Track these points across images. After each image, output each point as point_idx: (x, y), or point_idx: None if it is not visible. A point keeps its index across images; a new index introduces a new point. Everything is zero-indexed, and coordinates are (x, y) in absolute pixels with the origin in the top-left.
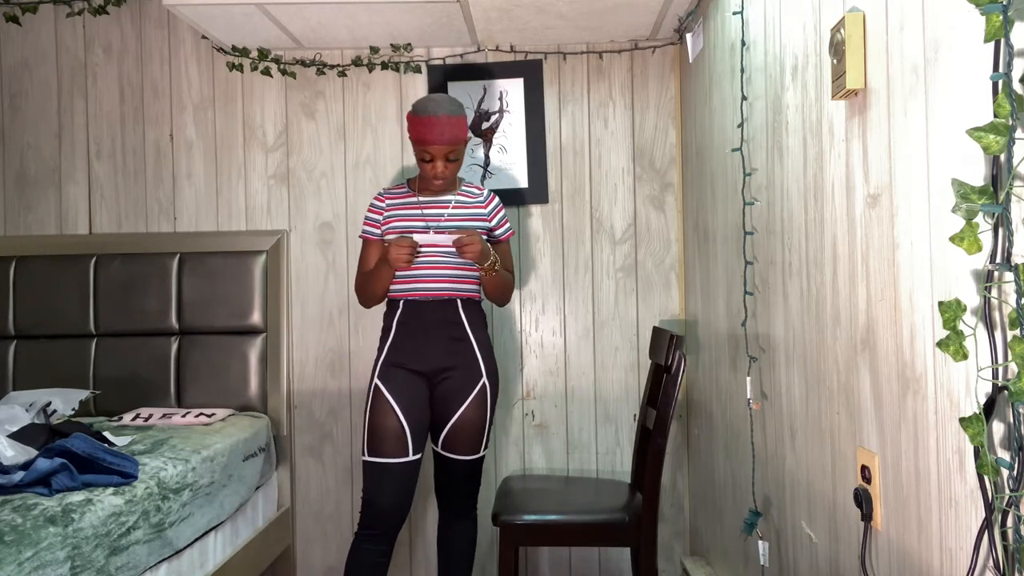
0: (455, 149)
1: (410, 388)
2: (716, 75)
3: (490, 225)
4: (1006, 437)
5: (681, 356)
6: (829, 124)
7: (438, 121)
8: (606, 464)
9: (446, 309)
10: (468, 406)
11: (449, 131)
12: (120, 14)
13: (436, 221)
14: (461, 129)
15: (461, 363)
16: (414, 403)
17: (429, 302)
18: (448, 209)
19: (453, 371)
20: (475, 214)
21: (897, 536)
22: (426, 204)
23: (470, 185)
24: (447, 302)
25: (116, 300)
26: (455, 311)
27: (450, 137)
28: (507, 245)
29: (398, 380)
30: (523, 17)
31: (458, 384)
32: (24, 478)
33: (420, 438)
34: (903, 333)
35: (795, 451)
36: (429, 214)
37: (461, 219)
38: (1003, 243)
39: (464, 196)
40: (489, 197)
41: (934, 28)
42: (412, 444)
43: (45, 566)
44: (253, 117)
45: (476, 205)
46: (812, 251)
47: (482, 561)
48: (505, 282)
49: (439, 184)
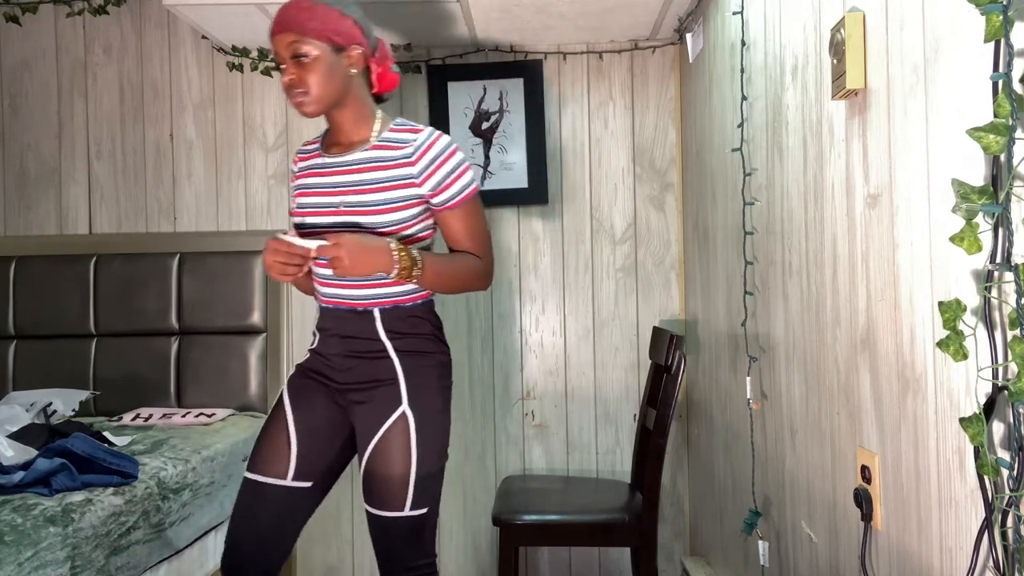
0: (302, 42)
1: (316, 403)
2: (716, 75)
3: (421, 192)
4: (1006, 437)
5: (681, 356)
6: (829, 124)
7: (283, 5)
8: (606, 464)
9: (361, 321)
10: (381, 442)
11: (290, 12)
12: (120, 14)
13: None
14: (319, 15)
15: (375, 386)
16: (315, 422)
17: (345, 311)
18: (349, 175)
19: (366, 398)
20: (392, 179)
21: (897, 536)
22: (330, 167)
23: (402, 128)
24: (361, 312)
25: (116, 300)
26: (371, 323)
27: (290, 19)
28: (461, 214)
29: (305, 390)
30: (523, 17)
31: (371, 414)
32: (24, 478)
33: (311, 467)
34: (903, 333)
35: (795, 451)
36: (332, 184)
37: (367, 189)
38: (1003, 243)
39: (380, 150)
40: (423, 146)
41: (934, 28)
42: (295, 468)
43: (45, 566)
44: (253, 117)
45: (396, 163)
46: (812, 251)
47: (482, 561)
48: (455, 277)
49: (300, 106)
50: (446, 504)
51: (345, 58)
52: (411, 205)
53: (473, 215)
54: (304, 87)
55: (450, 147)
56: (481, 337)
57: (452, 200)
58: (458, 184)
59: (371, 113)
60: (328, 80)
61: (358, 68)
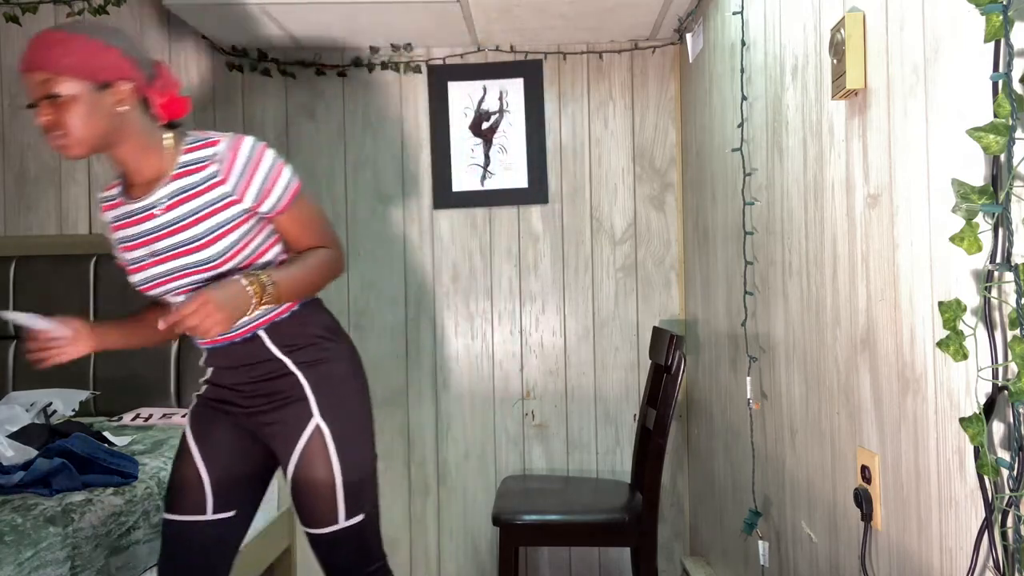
0: (54, 81)
1: (221, 432)
2: (716, 75)
3: (245, 207)
4: (1006, 437)
5: (681, 356)
6: (829, 124)
7: (32, 40)
8: (606, 464)
9: (250, 346)
10: (301, 460)
11: (41, 49)
12: (120, 14)
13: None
14: (74, 49)
15: (284, 405)
16: (224, 450)
17: (229, 344)
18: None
19: (277, 418)
20: (207, 205)
21: (897, 536)
22: (137, 213)
23: (198, 146)
24: (249, 339)
25: (116, 300)
26: (260, 346)
27: (40, 57)
28: (293, 214)
29: (207, 421)
30: (523, 17)
31: (283, 433)
32: (24, 478)
33: (231, 494)
34: (903, 333)
35: (795, 451)
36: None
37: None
38: (1003, 243)
39: (183, 178)
40: (227, 159)
41: (934, 28)
42: (213, 499)
43: (45, 566)
44: (253, 117)
45: (206, 187)
46: (812, 251)
47: (482, 561)
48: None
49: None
50: (446, 504)
51: (111, 95)
52: (239, 224)
53: (304, 210)
54: (62, 129)
55: (256, 149)
56: (481, 337)
57: (278, 206)
58: (278, 187)
59: (158, 143)
60: (90, 121)
61: (129, 104)
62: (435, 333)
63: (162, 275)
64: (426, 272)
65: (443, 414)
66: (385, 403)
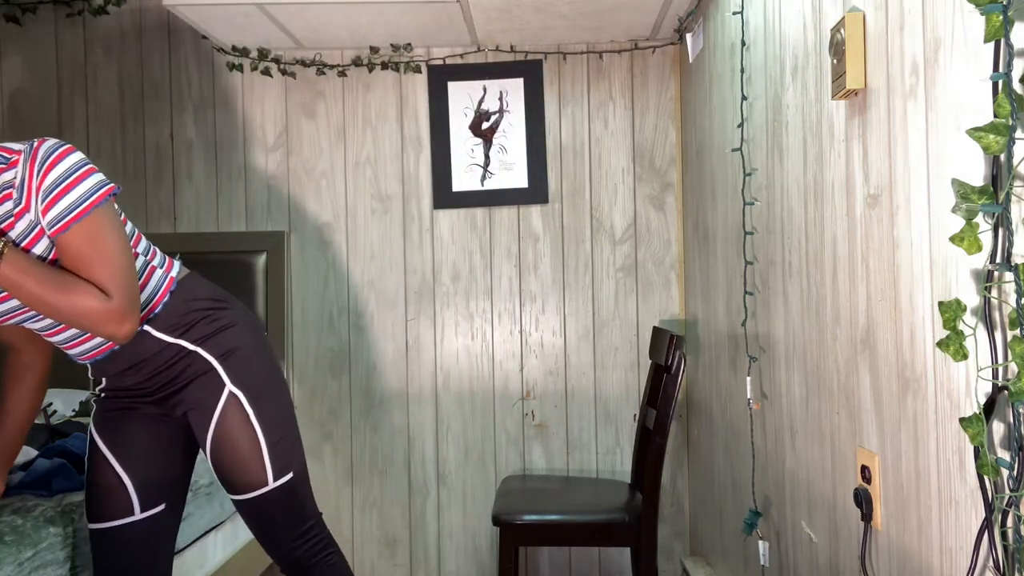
0: None
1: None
2: (716, 75)
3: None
4: (1006, 437)
5: (681, 356)
6: (829, 124)
7: None
8: (606, 464)
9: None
10: (219, 429)
11: None
12: (120, 14)
13: None
14: None
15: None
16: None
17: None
18: None
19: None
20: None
21: (897, 536)
22: None
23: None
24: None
25: None
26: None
27: None
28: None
29: (113, 422)
30: (523, 17)
31: (198, 408)
32: (24, 479)
33: (156, 488)
34: (903, 333)
35: (795, 451)
36: None
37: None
38: (1003, 243)
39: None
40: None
41: (934, 28)
42: (139, 499)
43: (45, 566)
44: (253, 117)
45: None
46: (812, 251)
47: (482, 561)
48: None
49: None
50: (446, 504)
51: None
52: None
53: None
54: None
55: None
56: (481, 337)
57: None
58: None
59: None
60: None
61: None
62: (435, 333)
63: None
64: (426, 272)
65: (443, 414)
66: (385, 403)
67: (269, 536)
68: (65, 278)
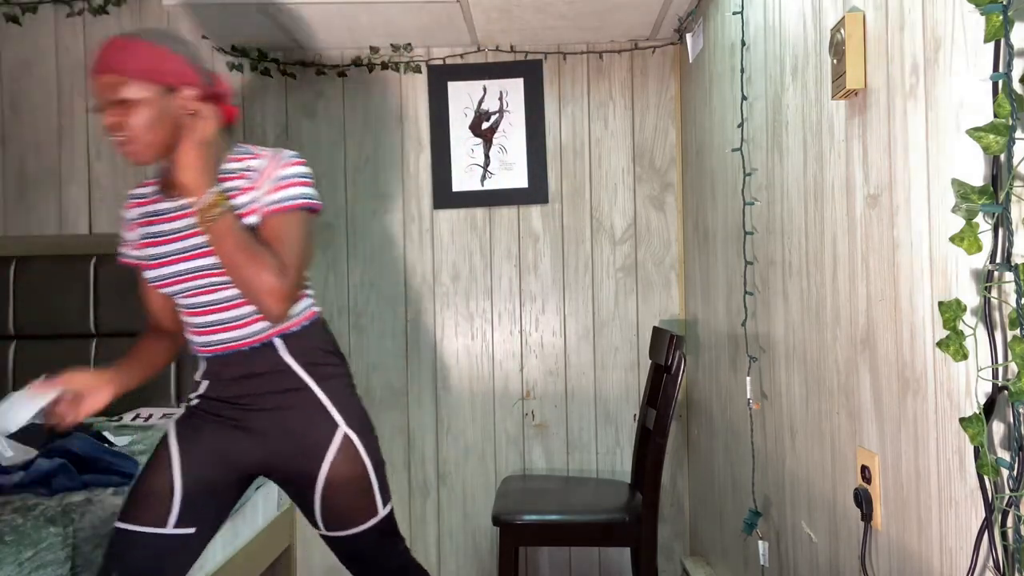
0: (125, 84)
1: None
2: (716, 75)
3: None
4: (1006, 437)
5: (681, 356)
6: (829, 124)
7: (104, 44)
8: (606, 464)
9: (261, 356)
10: (332, 469)
11: (113, 53)
12: (120, 14)
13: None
14: (143, 56)
15: (302, 420)
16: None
17: (231, 354)
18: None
19: (293, 434)
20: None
21: (897, 536)
22: (173, 212)
23: (240, 157)
24: (259, 349)
25: (116, 300)
26: (274, 355)
27: (112, 61)
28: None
29: (197, 432)
30: (523, 17)
31: (306, 448)
32: (24, 478)
33: (195, 512)
34: (903, 333)
35: (795, 451)
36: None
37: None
38: (1003, 243)
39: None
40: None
41: (934, 28)
42: (178, 514)
43: (45, 566)
44: (253, 117)
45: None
46: (812, 251)
47: (482, 561)
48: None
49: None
50: (446, 504)
51: (175, 100)
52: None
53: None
54: (130, 134)
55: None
56: (480, 337)
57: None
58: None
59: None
60: (155, 124)
61: (191, 109)
62: (435, 333)
63: (180, 273)
64: (426, 272)
65: (443, 414)
66: (385, 403)
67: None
68: (258, 248)
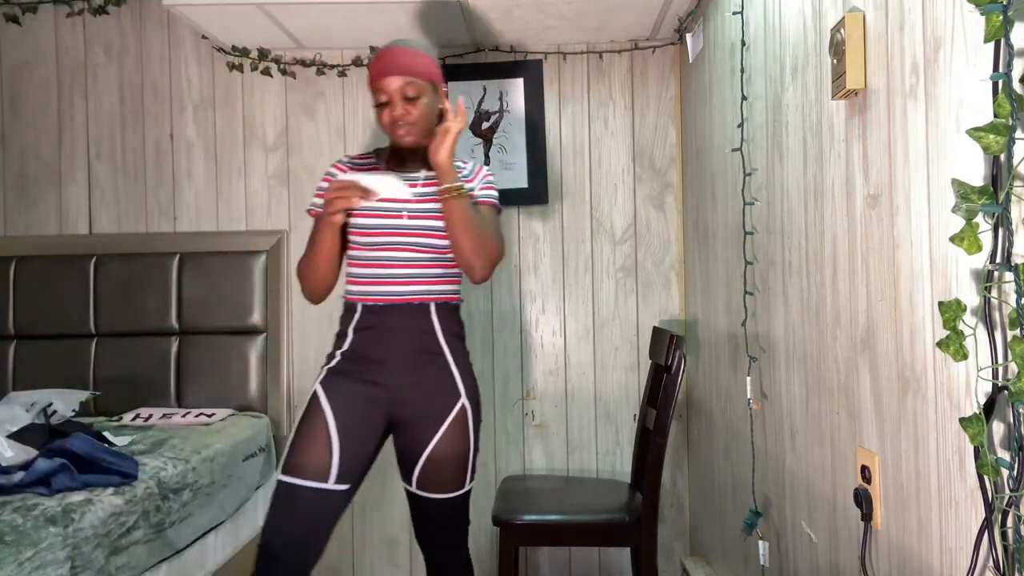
0: (413, 83)
1: (357, 406)
2: (716, 75)
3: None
4: (1006, 437)
5: (681, 356)
6: (829, 124)
7: (390, 51)
8: (606, 464)
9: (416, 315)
10: (444, 435)
11: (403, 58)
12: (120, 14)
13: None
14: (422, 61)
15: (433, 382)
16: (356, 425)
17: (393, 307)
18: (418, 187)
19: (422, 392)
20: None
21: (897, 536)
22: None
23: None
24: (417, 307)
25: (116, 300)
26: (427, 317)
27: (404, 65)
28: (488, 211)
29: (344, 392)
30: (523, 17)
31: (430, 408)
32: (24, 478)
33: (351, 469)
34: (903, 333)
35: (795, 451)
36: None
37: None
38: (1003, 243)
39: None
40: (475, 169)
41: (934, 28)
42: (337, 471)
43: (45, 566)
44: (253, 117)
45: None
46: (812, 251)
47: (482, 561)
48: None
49: (404, 136)
50: None
51: (437, 96)
52: None
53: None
54: (413, 121)
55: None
56: (481, 337)
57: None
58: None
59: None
60: (429, 115)
61: (443, 103)
62: None
63: (397, 227)
64: None
65: None
66: None
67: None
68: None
